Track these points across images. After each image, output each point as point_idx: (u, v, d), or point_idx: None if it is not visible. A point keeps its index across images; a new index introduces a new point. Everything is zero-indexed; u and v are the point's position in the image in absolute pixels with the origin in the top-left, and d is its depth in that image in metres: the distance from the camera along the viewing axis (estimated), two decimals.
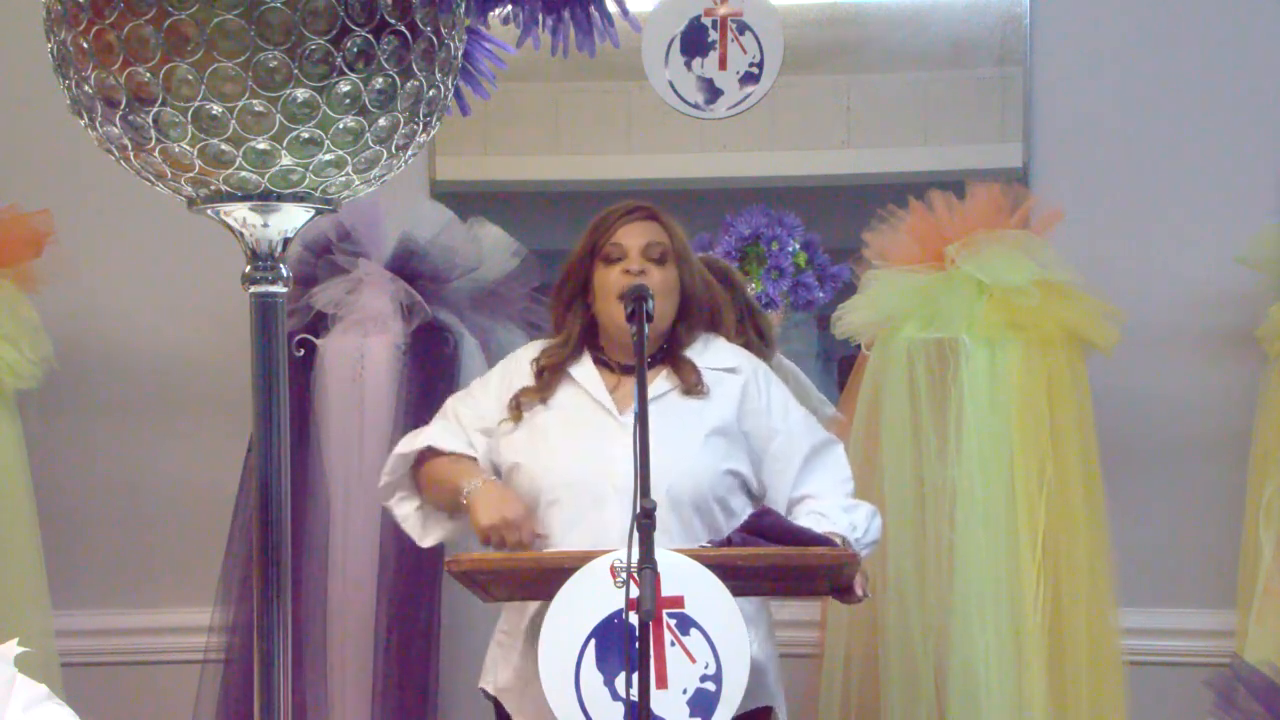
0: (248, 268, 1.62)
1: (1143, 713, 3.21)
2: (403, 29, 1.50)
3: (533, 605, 2.53)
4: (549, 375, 2.68)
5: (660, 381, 2.66)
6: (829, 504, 2.59)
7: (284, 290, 1.63)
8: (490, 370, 2.85)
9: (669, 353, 2.69)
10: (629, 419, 2.52)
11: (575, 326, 2.70)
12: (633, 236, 2.66)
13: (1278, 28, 3.50)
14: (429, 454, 2.71)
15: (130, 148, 1.52)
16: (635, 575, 2.03)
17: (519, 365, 2.75)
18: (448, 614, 3.25)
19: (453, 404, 2.77)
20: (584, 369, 2.68)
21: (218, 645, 3.31)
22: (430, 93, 1.56)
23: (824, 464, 2.68)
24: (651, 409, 2.60)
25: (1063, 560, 3.08)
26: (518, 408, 2.67)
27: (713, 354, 2.71)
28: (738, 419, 2.65)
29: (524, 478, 2.61)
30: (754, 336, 3.13)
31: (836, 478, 2.67)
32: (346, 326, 3.30)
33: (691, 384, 2.64)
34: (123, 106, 1.48)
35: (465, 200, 3.60)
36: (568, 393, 2.67)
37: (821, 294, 3.65)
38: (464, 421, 2.72)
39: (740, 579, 2.31)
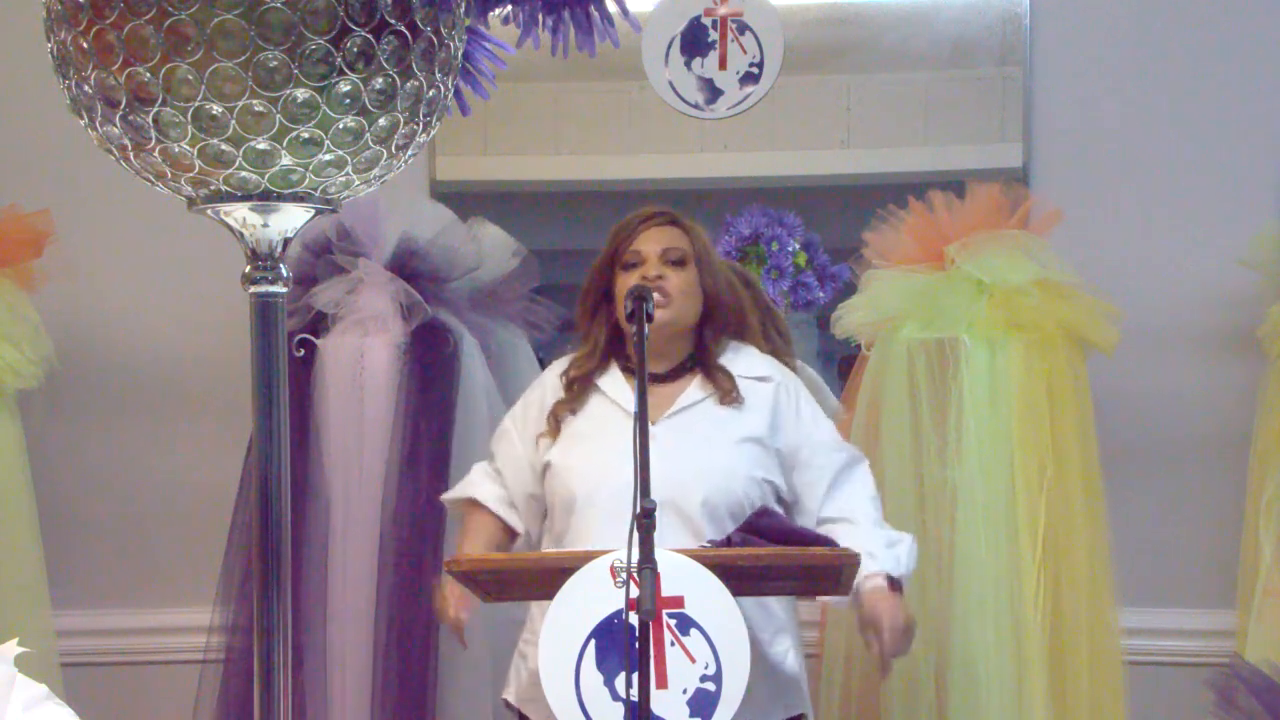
0: (248, 268, 1.62)
1: (1143, 713, 3.21)
2: (403, 29, 1.49)
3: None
4: (578, 387, 2.68)
5: (693, 390, 2.66)
6: (870, 537, 2.55)
7: (284, 290, 1.63)
8: (519, 400, 2.84)
9: (699, 360, 2.69)
10: (659, 428, 2.53)
11: (602, 336, 2.70)
12: (651, 242, 2.66)
13: (1278, 28, 3.50)
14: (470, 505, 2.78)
15: (130, 148, 1.51)
16: (635, 575, 2.03)
17: (546, 383, 2.76)
18: None
19: (492, 448, 2.81)
20: (611, 379, 2.69)
21: (218, 645, 3.31)
22: (430, 93, 1.56)
23: (853, 481, 2.66)
24: (686, 417, 2.63)
25: (1063, 560, 3.08)
26: (555, 422, 2.67)
27: (744, 363, 2.71)
28: (770, 428, 2.64)
29: (557, 481, 2.62)
30: (777, 339, 3.13)
31: (866, 495, 2.65)
32: (346, 326, 3.30)
33: (726, 391, 2.64)
34: (123, 106, 1.48)
35: (465, 200, 3.60)
36: (597, 402, 2.68)
37: (821, 294, 3.65)
38: (502, 466, 2.75)
39: (740, 579, 2.31)
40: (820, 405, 2.78)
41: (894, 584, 2.53)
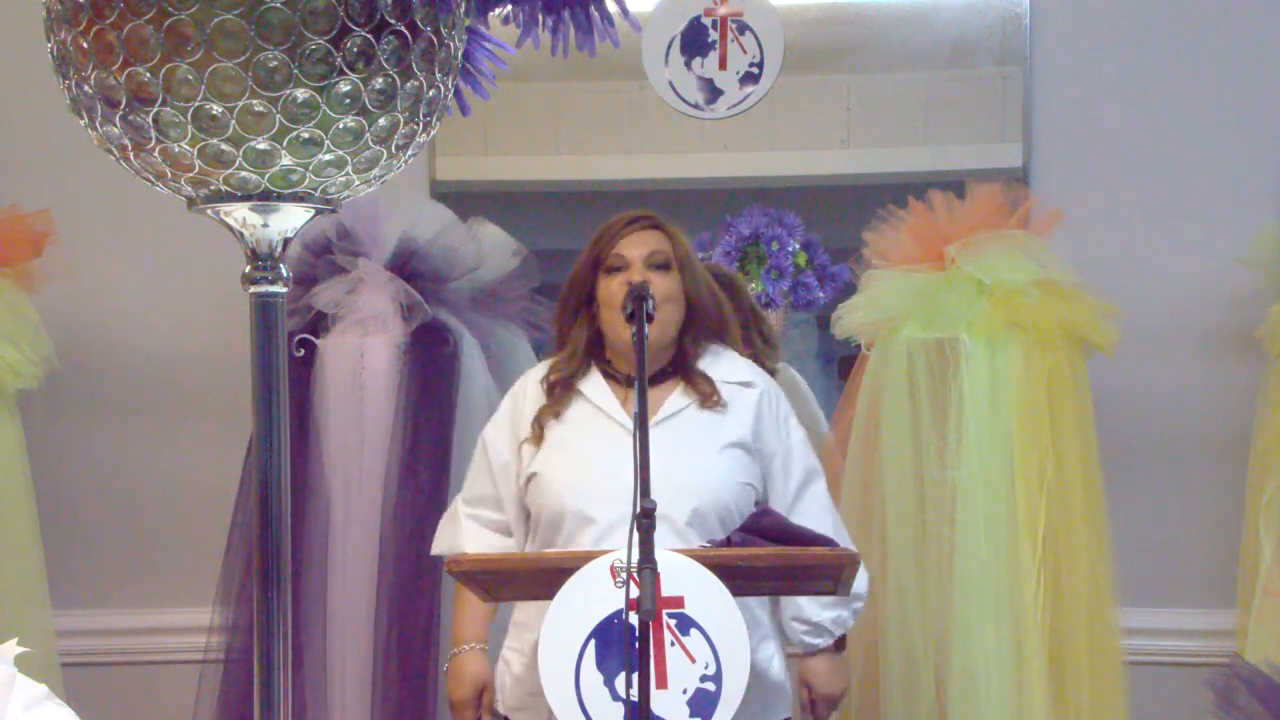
0: (248, 268, 1.62)
1: (1143, 713, 3.21)
2: (403, 29, 1.49)
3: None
4: (560, 390, 2.68)
5: (678, 396, 2.66)
6: (811, 609, 2.68)
7: (284, 290, 1.63)
8: (501, 407, 2.81)
9: (680, 365, 2.69)
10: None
11: (581, 339, 2.69)
12: (635, 246, 2.66)
13: (1278, 28, 3.50)
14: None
15: (130, 148, 1.51)
16: (635, 575, 2.03)
17: (526, 389, 2.74)
18: (447, 614, 3.24)
19: (473, 469, 2.77)
20: (593, 383, 2.68)
21: (218, 645, 3.31)
22: (430, 93, 1.56)
23: (809, 500, 2.69)
24: (672, 424, 2.63)
25: (1063, 560, 3.08)
26: (540, 428, 2.66)
27: (726, 367, 2.71)
28: (754, 434, 2.65)
29: (541, 492, 2.61)
30: (759, 342, 3.12)
31: (827, 523, 2.66)
32: (346, 326, 3.30)
33: (706, 395, 2.65)
34: (123, 106, 1.48)
35: (465, 200, 3.60)
36: (579, 408, 2.67)
37: (821, 294, 3.65)
38: (488, 490, 2.73)
39: (740, 579, 2.31)
40: (801, 412, 2.80)
41: (840, 642, 2.75)
